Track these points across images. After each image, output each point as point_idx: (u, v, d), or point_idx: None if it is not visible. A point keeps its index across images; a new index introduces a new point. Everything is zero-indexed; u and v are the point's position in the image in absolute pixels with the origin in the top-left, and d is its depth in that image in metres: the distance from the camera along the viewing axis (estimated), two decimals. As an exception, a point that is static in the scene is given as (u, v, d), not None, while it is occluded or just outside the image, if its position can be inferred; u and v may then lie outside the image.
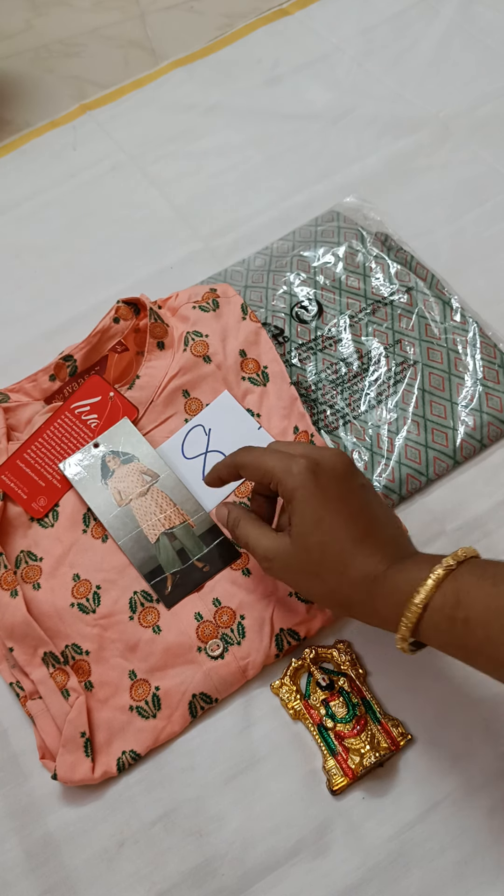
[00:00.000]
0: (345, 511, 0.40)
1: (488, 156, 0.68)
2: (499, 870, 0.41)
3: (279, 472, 0.41)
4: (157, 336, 0.56)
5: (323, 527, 0.39)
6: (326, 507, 0.40)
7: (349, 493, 0.41)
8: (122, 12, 0.88)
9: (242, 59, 0.80)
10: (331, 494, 0.40)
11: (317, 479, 0.40)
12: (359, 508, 0.40)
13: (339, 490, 0.40)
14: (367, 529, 0.40)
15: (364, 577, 0.39)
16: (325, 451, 0.42)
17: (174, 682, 0.46)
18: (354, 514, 0.40)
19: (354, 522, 0.40)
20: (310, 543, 0.40)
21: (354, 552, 0.39)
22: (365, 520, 0.40)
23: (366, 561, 0.39)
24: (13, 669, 0.48)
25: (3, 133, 0.78)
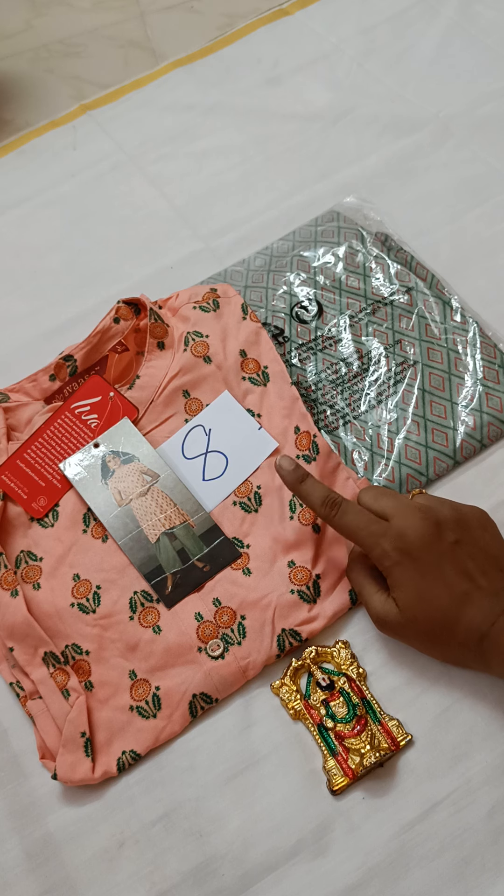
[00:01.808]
0: (441, 578, 0.42)
1: (488, 156, 0.68)
2: (499, 870, 0.41)
3: (373, 552, 0.43)
4: (158, 336, 0.56)
5: (425, 599, 0.42)
6: (424, 579, 0.42)
7: (441, 558, 0.42)
8: (122, 12, 0.88)
9: (242, 59, 0.80)
10: (425, 564, 0.42)
11: (408, 554, 0.42)
12: (455, 570, 0.42)
13: (431, 557, 0.42)
14: (466, 589, 0.42)
15: (471, 637, 0.41)
16: (408, 517, 0.43)
17: (174, 682, 0.46)
18: (451, 578, 0.42)
19: (452, 586, 0.42)
20: (416, 616, 0.42)
21: (458, 615, 0.41)
22: (463, 579, 0.42)
23: (471, 622, 0.41)
24: (13, 669, 0.48)
25: (3, 133, 0.78)
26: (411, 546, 0.42)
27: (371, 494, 0.46)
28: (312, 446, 0.51)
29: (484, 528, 0.44)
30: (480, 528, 0.44)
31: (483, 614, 0.41)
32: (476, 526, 0.44)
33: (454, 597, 0.41)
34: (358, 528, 0.44)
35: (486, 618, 0.41)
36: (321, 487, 0.46)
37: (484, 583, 0.42)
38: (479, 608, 0.41)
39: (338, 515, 0.45)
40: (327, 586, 0.48)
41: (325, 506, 0.45)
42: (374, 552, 0.43)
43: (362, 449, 0.53)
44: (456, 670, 0.46)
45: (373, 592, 0.44)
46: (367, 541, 0.43)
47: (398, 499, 0.45)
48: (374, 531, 0.43)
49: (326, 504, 0.45)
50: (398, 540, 0.42)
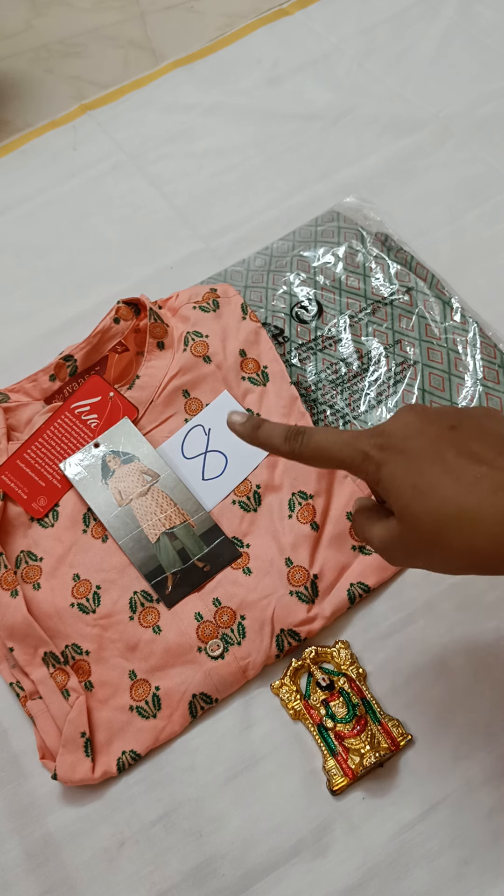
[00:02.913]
0: (440, 464, 0.33)
1: (488, 156, 0.68)
2: (499, 870, 0.41)
3: (353, 462, 0.35)
4: (157, 336, 0.56)
5: (424, 493, 0.33)
6: (419, 470, 0.33)
7: (438, 443, 0.34)
8: (122, 12, 0.88)
9: (242, 59, 0.80)
10: (417, 454, 0.34)
11: (393, 449, 0.34)
12: (458, 454, 0.33)
13: (423, 445, 0.34)
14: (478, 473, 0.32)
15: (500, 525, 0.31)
16: (394, 419, 0.36)
17: (174, 682, 0.46)
18: (455, 462, 0.33)
19: (458, 471, 0.33)
20: (420, 518, 0.33)
21: (480, 503, 0.32)
22: (470, 462, 0.33)
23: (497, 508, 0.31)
24: (13, 669, 0.48)
25: (3, 133, 0.78)
26: (395, 438, 0.34)
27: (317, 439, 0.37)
28: None
29: (490, 416, 0.36)
30: (485, 416, 0.36)
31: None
32: (479, 414, 0.36)
33: (463, 484, 0.32)
34: (329, 444, 0.36)
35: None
36: (280, 426, 0.38)
37: (501, 462, 0.32)
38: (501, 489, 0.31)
39: (304, 442, 0.37)
40: (325, 586, 0.48)
41: (289, 440, 0.37)
42: (354, 462, 0.35)
43: (362, 449, 0.53)
44: (456, 670, 0.46)
45: (371, 525, 0.36)
46: (342, 452, 0.35)
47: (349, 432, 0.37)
48: (347, 438, 0.35)
49: (289, 438, 0.37)
50: (379, 437, 0.35)
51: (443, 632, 0.47)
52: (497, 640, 0.47)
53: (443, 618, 0.48)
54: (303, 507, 0.50)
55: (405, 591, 0.49)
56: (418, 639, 0.47)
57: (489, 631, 0.47)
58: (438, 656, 0.46)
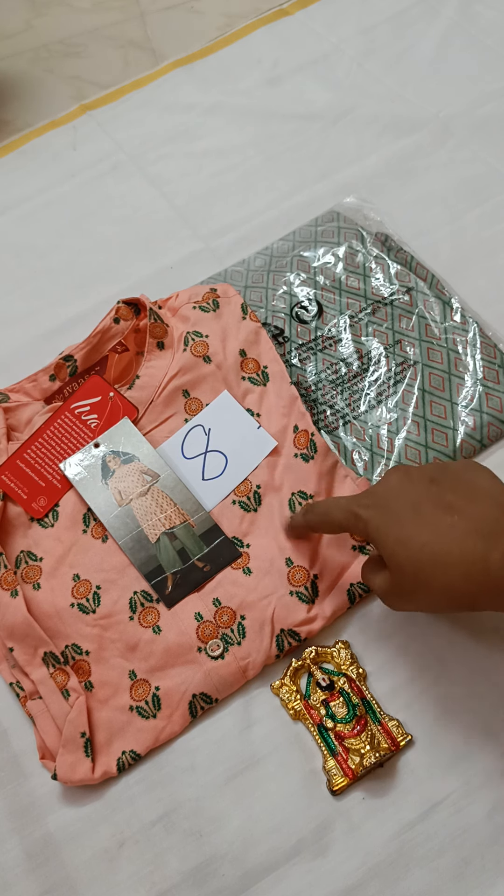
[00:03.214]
0: (418, 518, 0.38)
1: (488, 156, 0.68)
2: (499, 870, 0.41)
3: (349, 523, 0.41)
4: (157, 336, 0.56)
5: (405, 544, 0.37)
6: (400, 525, 0.38)
7: (417, 500, 0.38)
8: (122, 12, 0.88)
9: (242, 59, 0.80)
10: (398, 511, 0.38)
11: (378, 507, 0.39)
12: (434, 506, 0.38)
13: (403, 502, 0.39)
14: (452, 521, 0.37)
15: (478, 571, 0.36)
16: (381, 481, 0.41)
17: (174, 682, 0.46)
18: (430, 514, 0.38)
19: (434, 522, 0.37)
20: (403, 567, 0.38)
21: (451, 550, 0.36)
22: (445, 512, 0.37)
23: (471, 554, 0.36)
24: (13, 669, 0.48)
25: (3, 133, 0.78)
26: (380, 498, 0.39)
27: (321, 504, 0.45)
28: (310, 444, 0.51)
29: (469, 468, 0.40)
30: (464, 468, 0.40)
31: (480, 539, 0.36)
32: (459, 466, 0.40)
33: (437, 531, 0.37)
34: (328, 510, 0.43)
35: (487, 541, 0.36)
36: (301, 510, 0.47)
37: (473, 510, 0.37)
38: (472, 535, 0.36)
39: (312, 512, 0.44)
40: (325, 586, 0.48)
41: (303, 514, 0.46)
42: (349, 522, 0.41)
43: (362, 449, 0.53)
44: (456, 670, 0.46)
45: (373, 575, 0.41)
46: (339, 516, 0.41)
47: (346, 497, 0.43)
48: (343, 503, 0.42)
49: (303, 512, 0.46)
50: (365, 497, 0.40)
51: (443, 632, 0.47)
52: (497, 641, 0.47)
53: (443, 618, 0.47)
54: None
55: (405, 591, 0.49)
56: (418, 639, 0.47)
57: (489, 631, 0.47)
58: (438, 656, 0.46)
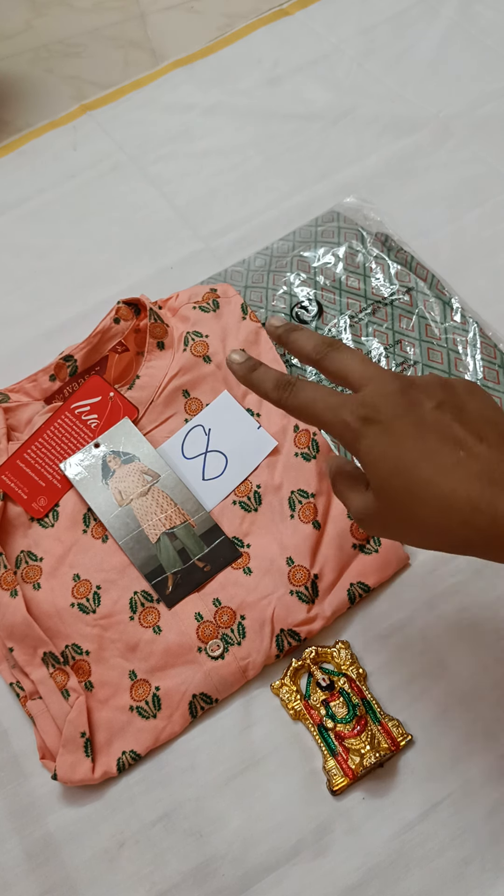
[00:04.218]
0: (421, 447, 0.33)
1: (488, 156, 0.68)
2: (499, 870, 0.41)
3: (335, 428, 0.35)
4: (157, 336, 0.56)
5: (401, 473, 0.33)
6: (399, 449, 0.33)
7: (420, 425, 0.34)
8: (122, 12, 0.88)
9: (242, 59, 0.80)
10: (398, 432, 0.34)
11: (375, 422, 0.34)
12: (439, 437, 0.33)
13: (405, 424, 0.34)
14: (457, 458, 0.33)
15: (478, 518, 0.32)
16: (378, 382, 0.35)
17: (174, 683, 0.46)
18: (435, 446, 0.33)
19: (437, 455, 0.33)
20: (395, 496, 0.34)
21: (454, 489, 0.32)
22: (451, 446, 0.33)
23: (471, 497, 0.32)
24: (13, 669, 0.48)
25: (3, 133, 0.78)
26: (378, 412, 0.34)
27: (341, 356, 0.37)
28: (312, 444, 0.51)
29: (472, 392, 0.36)
30: (468, 393, 0.36)
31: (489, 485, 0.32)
32: (463, 391, 0.36)
33: (441, 468, 0.32)
34: (314, 402, 0.36)
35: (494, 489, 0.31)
36: (274, 373, 0.39)
37: (482, 449, 0.33)
38: (480, 478, 0.32)
39: (292, 394, 0.37)
40: (325, 586, 0.48)
41: (278, 388, 0.38)
42: (335, 428, 0.35)
43: (362, 449, 0.53)
44: (456, 670, 0.46)
45: (351, 493, 0.37)
46: (325, 415, 0.36)
47: (373, 365, 0.37)
48: (333, 403, 0.36)
49: (279, 386, 0.38)
50: (362, 407, 0.34)
51: (443, 632, 0.47)
52: (497, 640, 0.47)
53: (443, 618, 0.48)
54: (304, 506, 0.50)
55: (405, 591, 0.49)
56: (418, 639, 0.47)
57: (489, 631, 0.47)
58: (438, 656, 0.46)
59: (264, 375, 0.39)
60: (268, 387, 0.38)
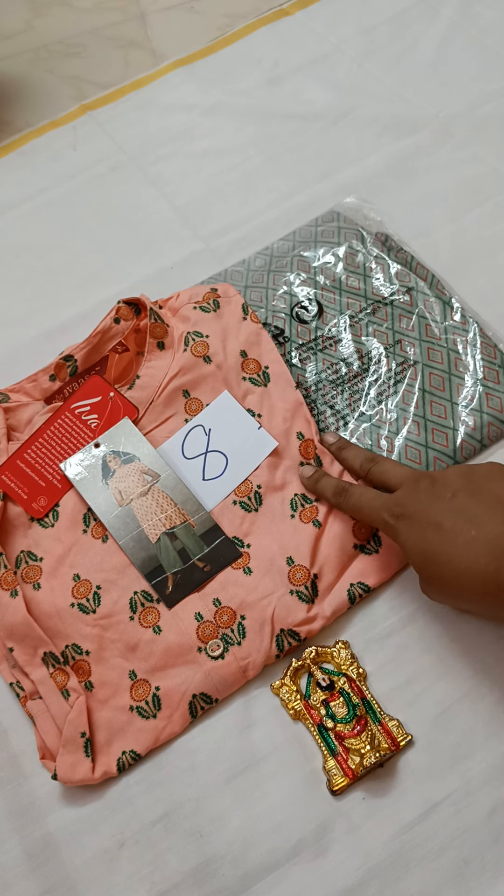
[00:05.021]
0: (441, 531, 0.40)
1: (488, 156, 0.68)
2: (499, 870, 0.41)
3: (379, 525, 0.45)
4: (158, 336, 0.56)
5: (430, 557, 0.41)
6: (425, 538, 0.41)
7: (440, 513, 0.41)
8: (122, 12, 0.88)
9: (242, 59, 0.80)
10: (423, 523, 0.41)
11: (405, 517, 0.42)
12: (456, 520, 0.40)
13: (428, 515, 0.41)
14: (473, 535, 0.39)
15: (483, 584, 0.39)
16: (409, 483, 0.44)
17: (174, 683, 0.46)
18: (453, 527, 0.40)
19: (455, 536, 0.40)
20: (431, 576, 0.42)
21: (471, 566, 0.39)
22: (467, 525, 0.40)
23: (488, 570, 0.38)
24: (13, 669, 0.48)
25: (3, 133, 0.78)
26: (407, 508, 0.42)
27: (381, 468, 0.48)
28: (316, 458, 0.52)
29: (491, 478, 0.42)
30: (487, 478, 0.42)
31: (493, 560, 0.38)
32: (482, 476, 0.42)
33: (456, 549, 0.39)
34: (362, 506, 0.46)
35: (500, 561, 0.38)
36: (334, 481, 0.49)
37: (492, 525, 0.39)
38: (486, 554, 0.38)
39: (345, 500, 0.47)
40: (325, 586, 0.48)
41: (336, 495, 0.48)
42: (379, 525, 0.45)
43: (362, 449, 0.53)
44: (456, 670, 0.46)
45: None
46: (371, 516, 0.45)
47: (405, 470, 0.47)
48: (376, 505, 0.45)
49: (336, 493, 0.48)
50: (396, 506, 0.43)
51: (443, 632, 0.47)
52: (497, 640, 0.47)
53: (443, 618, 0.48)
54: (306, 509, 0.50)
55: (405, 591, 0.49)
56: (418, 639, 0.47)
57: (489, 631, 0.47)
58: (438, 656, 0.46)
59: (326, 484, 0.49)
60: (328, 494, 0.49)
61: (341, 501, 0.48)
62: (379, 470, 0.48)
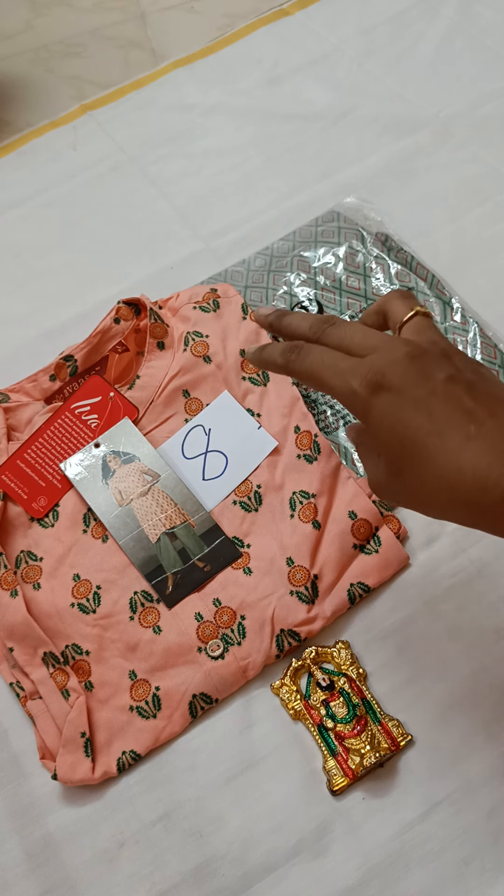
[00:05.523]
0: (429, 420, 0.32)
1: (488, 156, 0.68)
2: (499, 870, 0.41)
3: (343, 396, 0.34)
4: (158, 336, 0.56)
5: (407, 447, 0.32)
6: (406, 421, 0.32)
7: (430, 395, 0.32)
8: (122, 12, 0.88)
9: (242, 59, 0.80)
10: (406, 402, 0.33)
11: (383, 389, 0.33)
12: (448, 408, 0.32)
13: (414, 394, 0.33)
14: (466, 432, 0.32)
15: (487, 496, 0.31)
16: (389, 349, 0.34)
17: (174, 683, 0.46)
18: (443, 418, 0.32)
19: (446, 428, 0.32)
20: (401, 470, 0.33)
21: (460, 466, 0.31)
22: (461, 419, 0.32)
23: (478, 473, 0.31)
24: (13, 669, 0.48)
25: (3, 133, 0.78)
26: (388, 379, 0.33)
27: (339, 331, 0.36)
28: (314, 446, 0.51)
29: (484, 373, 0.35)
30: (479, 372, 0.35)
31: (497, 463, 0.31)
32: (474, 368, 0.35)
33: (450, 445, 0.31)
34: (322, 368, 0.35)
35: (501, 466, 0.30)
36: (283, 343, 0.38)
37: (492, 424, 0.32)
38: (487, 455, 0.31)
39: (298, 358, 0.36)
40: (325, 586, 0.48)
41: (285, 353, 0.37)
42: (342, 395, 0.34)
43: (362, 449, 0.53)
44: (456, 670, 0.46)
45: (368, 459, 0.36)
46: (332, 381, 0.34)
47: (377, 333, 0.35)
48: (342, 367, 0.34)
49: (286, 352, 0.37)
50: (372, 373, 0.33)
51: (443, 632, 0.47)
52: (497, 640, 0.47)
53: (443, 618, 0.48)
54: (304, 507, 0.50)
55: (405, 591, 0.49)
56: (418, 639, 0.47)
57: (489, 631, 0.47)
58: (438, 656, 0.46)
59: (273, 349, 0.38)
60: (276, 357, 0.37)
61: (292, 360, 0.36)
62: (338, 332, 0.36)
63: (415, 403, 0.32)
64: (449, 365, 0.34)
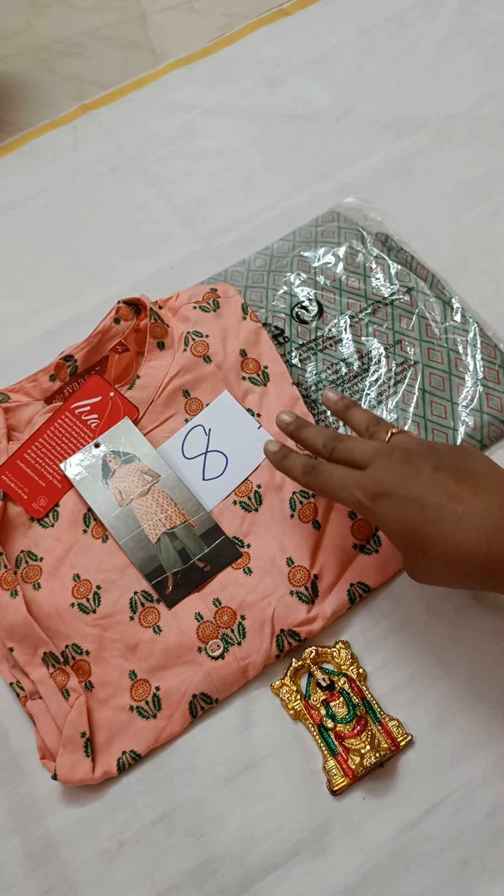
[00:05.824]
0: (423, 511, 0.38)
1: (488, 156, 0.68)
2: (499, 870, 0.41)
3: (351, 504, 0.41)
4: (158, 336, 0.56)
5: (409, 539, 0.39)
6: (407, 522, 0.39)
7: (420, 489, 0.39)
8: (122, 12, 0.88)
9: (242, 59, 0.80)
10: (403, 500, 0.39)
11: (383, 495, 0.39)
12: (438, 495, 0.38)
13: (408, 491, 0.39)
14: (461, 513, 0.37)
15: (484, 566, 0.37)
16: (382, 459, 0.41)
17: (174, 683, 0.46)
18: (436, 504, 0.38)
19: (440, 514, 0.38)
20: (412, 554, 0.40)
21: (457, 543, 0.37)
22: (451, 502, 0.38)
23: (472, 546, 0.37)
24: (13, 669, 0.48)
25: (3, 133, 0.78)
26: (384, 487, 0.39)
27: (345, 446, 0.44)
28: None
29: (464, 455, 0.41)
30: (460, 455, 0.41)
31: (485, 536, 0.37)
32: (454, 453, 0.41)
33: (444, 529, 0.37)
34: (332, 483, 0.42)
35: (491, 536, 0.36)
36: (301, 459, 0.45)
37: (477, 501, 0.38)
38: (477, 531, 0.37)
39: (314, 478, 0.44)
40: (325, 586, 0.48)
41: (305, 473, 0.44)
42: (352, 505, 0.41)
43: (362, 449, 0.53)
44: (456, 670, 0.46)
45: None
46: (342, 494, 0.42)
47: (373, 445, 0.43)
48: (347, 483, 0.41)
49: (305, 472, 0.44)
50: (371, 484, 0.40)
51: (443, 632, 0.47)
52: (497, 640, 0.47)
53: (443, 618, 0.48)
54: (304, 507, 0.50)
55: (405, 591, 0.49)
56: (418, 639, 0.47)
57: (489, 631, 0.47)
58: (438, 656, 0.46)
59: (294, 462, 0.45)
60: (297, 473, 0.45)
61: (311, 480, 0.44)
62: (344, 448, 0.44)
63: (409, 501, 0.39)
64: (433, 457, 0.40)
